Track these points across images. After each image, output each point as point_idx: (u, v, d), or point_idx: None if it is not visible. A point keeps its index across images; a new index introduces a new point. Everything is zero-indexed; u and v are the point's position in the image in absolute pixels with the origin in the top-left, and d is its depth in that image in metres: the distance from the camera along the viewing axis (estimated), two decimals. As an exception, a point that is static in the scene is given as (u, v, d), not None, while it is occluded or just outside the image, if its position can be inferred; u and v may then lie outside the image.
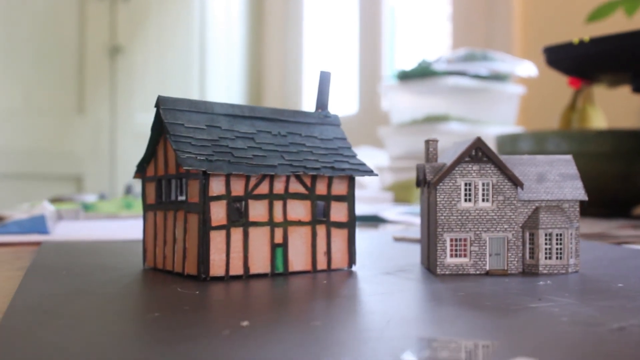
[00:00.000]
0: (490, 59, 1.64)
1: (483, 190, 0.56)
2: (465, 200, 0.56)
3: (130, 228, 0.99)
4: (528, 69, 1.68)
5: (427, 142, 0.60)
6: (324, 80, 0.64)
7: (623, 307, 0.42)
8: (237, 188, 0.54)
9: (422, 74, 1.62)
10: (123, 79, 3.29)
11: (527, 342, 0.33)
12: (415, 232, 0.92)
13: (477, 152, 0.56)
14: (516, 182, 0.56)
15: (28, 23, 3.12)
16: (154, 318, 0.39)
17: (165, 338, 0.34)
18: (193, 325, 0.37)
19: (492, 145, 1.57)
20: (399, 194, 1.50)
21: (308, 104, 3.41)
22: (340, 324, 0.37)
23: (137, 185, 1.56)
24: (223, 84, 3.52)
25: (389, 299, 0.45)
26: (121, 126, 3.25)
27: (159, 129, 0.57)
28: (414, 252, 0.70)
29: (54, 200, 1.53)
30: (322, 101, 0.64)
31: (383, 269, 0.59)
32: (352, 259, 0.60)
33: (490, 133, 1.65)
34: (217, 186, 0.53)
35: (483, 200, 0.56)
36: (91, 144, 3.26)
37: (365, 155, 2.07)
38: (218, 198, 0.53)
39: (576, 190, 0.58)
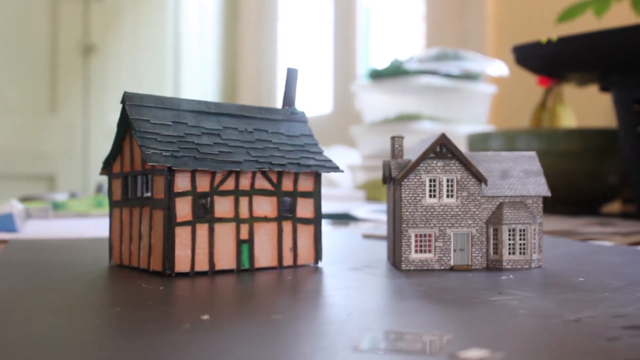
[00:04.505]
0: (462, 58, 1.66)
1: (447, 186, 0.57)
2: (430, 196, 0.57)
3: (99, 226, 0.98)
4: (499, 68, 1.70)
5: (392, 138, 0.60)
6: (291, 77, 0.64)
7: (581, 299, 0.42)
8: (203, 184, 0.54)
9: (394, 73, 1.63)
10: (96, 78, 3.26)
11: (483, 334, 0.34)
12: (384, 230, 0.93)
13: (442, 149, 0.57)
14: (480, 179, 0.57)
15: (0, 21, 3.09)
16: (115, 313, 0.39)
17: (124, 332, 0.34)
18: (154, 319, 0.37)
19: (463, 143, 1.58)
20: (371, 193, 1.51)
21: (281, 101, 3.40)
22: (301, 318, 0.38)
23: (109, 184, 1.54)
24: (197, 83, 3.51)
25: (352, 293, 0.46)
26: (94, 125, 3.23)
27: (125, 125, 0.57)
28: (382, 249, 0.71)
29: (24, 199, 1.51)
30: (289, 98, 0.64)
31: (349, 265, 0.59)
32: (318, 255, 0.60)
33: (462, 132, 1.66)
34: (182, 182, 0.53)
35: (448, 196, 0.57)
36: (63, 143, 3.23)
37: (338, 154, 2.08)
38: (183, 194, 0.53)
39: (539, 187, 0.59)
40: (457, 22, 2.33)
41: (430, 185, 0.57)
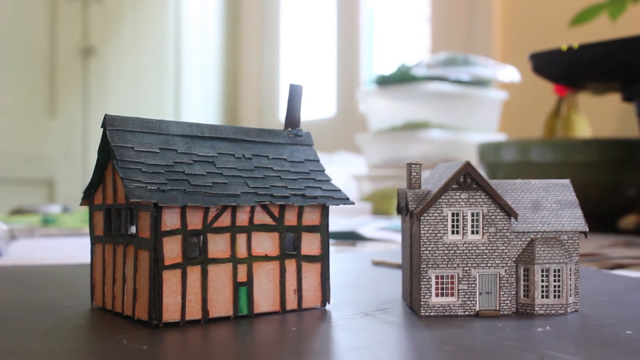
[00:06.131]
0: (472, 63, 1.59)
1: (472, 221, 0.50)
2: (453, 232, 0.50)
3: (87, 248, 0.91)
4: (510, 74, 1.63)
5: (409, 165, 0.54)
6: (295, 95, 0.57)
7: (640, 370, 0.36)
8: (195, 221, 0.47)
9: (401, 79, 1.56)
10: (96, 81, 3.21)
11: None
12: (395, 254, 0.86)
13: (466, 179, 0.50)
14: (510, 212, 0.50)
15: (-2, 23, 3.03)
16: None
17: None
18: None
19: (474, 153, 1.52)
20: (378, 204, 1.44)
21: (284, 105, 3.35)
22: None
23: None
24: (198, 86, 3.45)
25: (367, 355, 0.39)
26: (93, 129, 3.17)
27: (107, 152, 0.50)
28: (394, 281, 0.64)
29: (17, 211, 1.45)
30: (292, 118, 0.57)
31: (360, 307, 0.52)
32: (325, 297, 0.53)
33: (472, 140, 1.59)
34: (170, 219, 0.46)
35: (472, 232, 0.50)
36: (63, 147, 3.18)
37: (343, 161, 2.01)
38: (172, 233, 0.46)
39: (575, 220, 0.52)
40: (464, 24, 2.27)
41: (452, 220, 0.50)
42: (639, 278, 0.67)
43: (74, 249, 0.91)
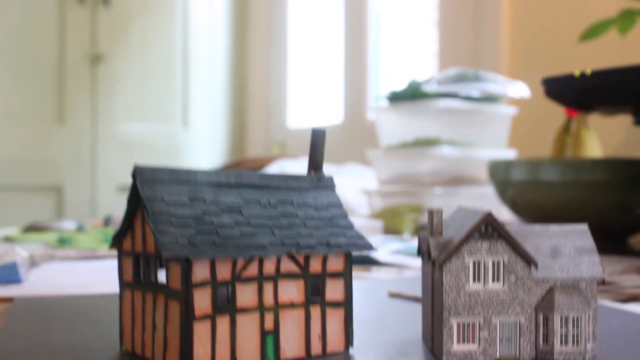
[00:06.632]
0: (482, 79, 1.60)
1: (493, 269, 0.51)
2: (474, 280, 0.51)
3: (108, 273, 0.93)
4: (520, 89, 1.64)
5: (430, 212, 0.55)
6: (317, 139, 0.58)
7: None
8: (223, 271, 0.48)
9: (412, 95, 1.57)
10: (104, 88, 3.23)
11: None
12: (411, 283, 0.87)
13: (487, 228, 0.51)
14: (530, 261, 0.51)
15: (7, 30, 3.06)
16: None
17: None
18: None
19: (484, 170, 1.53)
20: (389, 221, 1.45)
21: (291, 111, 3.36)
22: None
23: (118, 213, 1.49)
24: (206, 92, 3.46)
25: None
26: (102, 135, 3.19)
27: (136, 200, 0.51)
28: (414, 318, 0.65)
29: (30, 228, 1.46)
30: (315, 162, 0.58)
31: (382, 350, 0.54)
32: (349, 340, 0.55)
33: (483, 156, 1.60)
34: (200, 271, 0.47)
35: (493, 280, 0.51)
36: (71, 153, 3.20)
37: (353, 173, 2.03)
38: (202, 285, 0.47)
39: (593, 267, 0.53)
40: (471, 38, 2.28)
41: (474, 269, 0.51)
42: (654, 316, 0.68)
43: (95, 274, 0.93)
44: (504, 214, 1.62)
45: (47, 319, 0.66)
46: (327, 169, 2.01)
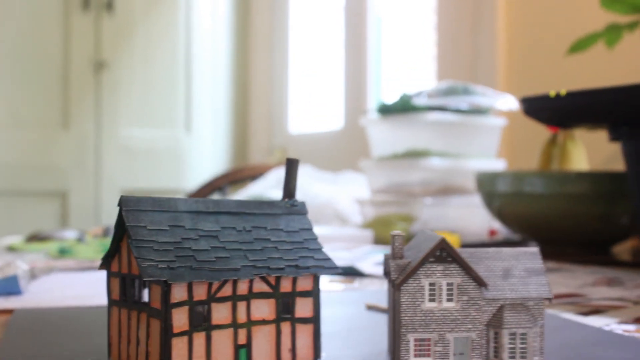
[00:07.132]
0: (471, 92, 1.65)
1: (447, 290, 0.56)
2: (430, 300, 0.56)
3: (104, 285, 0.98)
4: (509, 102, 1.69)
5: (392, 236, 0.60)
6: (291, 168, 0.63)
7: None
8: (200, 292, 0.53)
9: (402, 108, 1.62)
10: (108, 94, 3.28)
11: None
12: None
13: (442, 253, 0.56)
14: (480, 283, 0.56)
15: (12, 36, 3.11)
16: None
17: None
18: None
19: (472, 181, 1.58)
20: (380, 231, 1.50)
21: (293, 116, 3.41)
22: None
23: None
24: (208, 97, 3.51)
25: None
26: (106, 141, 3.24)
27: (122, 227, 0.56)
28: (385, 331, 0.70)
29: (32, 237, 1.52)
30: (288, 189, 0.63)
31: (349, 363, 0.59)
32: (317, 353, 0.60)
33: (472, 167, 1.65)
34: (178, 292, 0.52)
35: (447, 300, 0.56)
36: (76, 159, 3.25)
37: (348, 181, 2.07)
38: (180, 304, 0.52)
39: (541, 287, 0.58)
40: (469, 43, 2.33)
41: (430, 290, 0.56)
42: (606, 331, 0.73)
43: (92, 286, 0.98)
44: (494, 224, 1.67)
45: (46, 330, 0.71)
46: (323, 177, 2.04)
